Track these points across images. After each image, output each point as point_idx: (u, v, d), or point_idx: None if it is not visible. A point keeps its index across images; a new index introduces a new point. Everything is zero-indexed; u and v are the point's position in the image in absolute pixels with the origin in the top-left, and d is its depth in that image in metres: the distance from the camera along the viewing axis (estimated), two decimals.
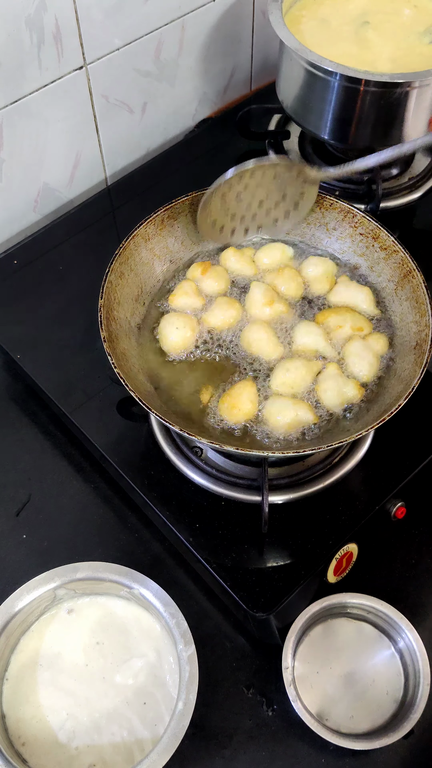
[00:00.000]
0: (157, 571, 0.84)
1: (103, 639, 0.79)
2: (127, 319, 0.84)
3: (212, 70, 1.26)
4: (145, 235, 0.87)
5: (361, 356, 0.81)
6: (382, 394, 0.80)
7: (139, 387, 0.77)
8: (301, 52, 0.97)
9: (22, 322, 1.00)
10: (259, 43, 1.31)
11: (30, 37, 0.95)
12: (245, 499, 0.83)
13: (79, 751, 0.73)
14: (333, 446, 0.72)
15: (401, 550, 0.89)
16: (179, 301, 0.87)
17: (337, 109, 1.01)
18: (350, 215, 0.89)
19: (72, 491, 0.92)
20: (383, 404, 0.78)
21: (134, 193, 1.16)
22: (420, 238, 1.12)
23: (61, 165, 1.13)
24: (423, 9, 1.07)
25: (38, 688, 0.77)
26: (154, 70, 1.15)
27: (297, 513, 0.83)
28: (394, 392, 0.78)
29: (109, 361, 0.74)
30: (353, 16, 1.07)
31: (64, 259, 1.07)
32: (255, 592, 0.78)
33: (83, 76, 1.05)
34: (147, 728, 0.74)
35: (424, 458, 0.87)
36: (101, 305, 0.79)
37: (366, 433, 0.72)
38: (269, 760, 0.77)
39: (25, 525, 0.90)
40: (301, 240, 0.93)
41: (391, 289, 0.87)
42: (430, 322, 0.79)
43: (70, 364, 0.96)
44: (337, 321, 0.84)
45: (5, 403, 1.00)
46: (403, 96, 0.97)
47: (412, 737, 0.75)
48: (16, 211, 1.12)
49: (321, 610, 0.79)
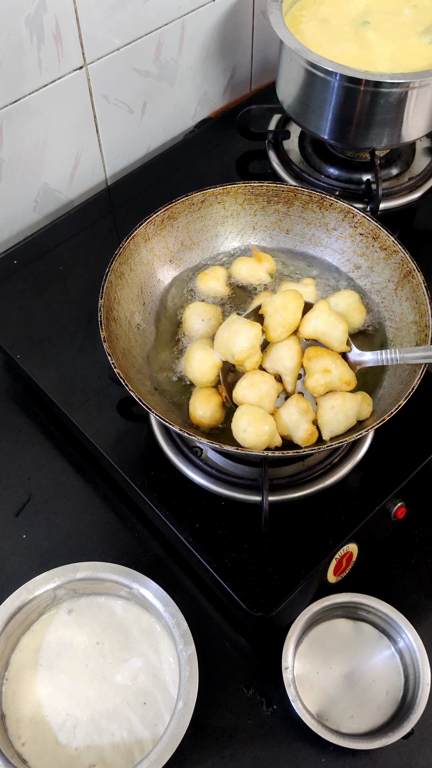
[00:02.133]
0: (157, 571, 0.84)
1: (103, 639, 0.79)
2: (127, 319, 0.84)
3: (212, 70, 1.26)
4: (144, 235, 0.87)
5: (338, 414, 0.76)
6: (382, 395, 0.80)
7: (139, 387, 0.77)
8: (301, 52, 0.97)
9: (22, 322, 1.00)
10: (259, 43, 1.31)
11: (30, 37, 0.95)
12: (245, 499, 0.83)
13: (79, 751, 0.73)
14: (332, 447, 0.72)
15: (401, 550, 0.89)
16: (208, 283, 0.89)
17: (337, 109, 1.01)
18: (350, 215, 0.89)
19: (72, 491, 0.92)
20: (383, 404, 0.78)
21: (134, 193, 1.16)
22: (420, 239, 1.12)
23: (61, 165, 1.13)
24: (423, 9, 1.07)
25: (38, 689, 0.77)
26: (154, 70, 1.15)
27: (297, 513, 0.83)
28: (393, 392, 0.78)
29: (109, 361, 0.74)
30: (353, 16, 1.07)
31: (64, 259, 1.07)
32: (255, 592, 0.78)
33: (83, 76, 1.05)
34: (147, 728, 0.74)
35: (424, 458, 0.87)
36: (101, 305, 0.79)
37: (366, 434, 0.72)
38: (269, 760, 0.77)
39: (25, 525, 0.90)
40: (301, 240, 0.93)
41: (391, 289, 0.87)
42: (430, 322, 0.79)
43: (70, 364, 0.96)
44: (326, 364, 0.77)
45: (5, 403, 1.00)
46: (403, 96, 0.97)
47: (412, 737, 0.75)
48: (16, 211, 1.12)
49: (321, 610, 0.79)
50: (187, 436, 0.72)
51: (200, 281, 0.90)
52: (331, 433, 0.76)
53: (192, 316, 0.86)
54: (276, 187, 0.90)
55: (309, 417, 0.76)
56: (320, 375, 0.76)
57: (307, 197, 0.90)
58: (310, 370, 0.77)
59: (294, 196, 0.91)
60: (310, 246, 0.93)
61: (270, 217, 0.93)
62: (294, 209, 0.91)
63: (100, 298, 0.79)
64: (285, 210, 0.92)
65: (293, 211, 0.92)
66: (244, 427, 0.73)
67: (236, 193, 0.91)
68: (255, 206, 0.92)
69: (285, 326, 0.78)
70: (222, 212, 0.92)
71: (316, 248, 0.93)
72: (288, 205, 0.91)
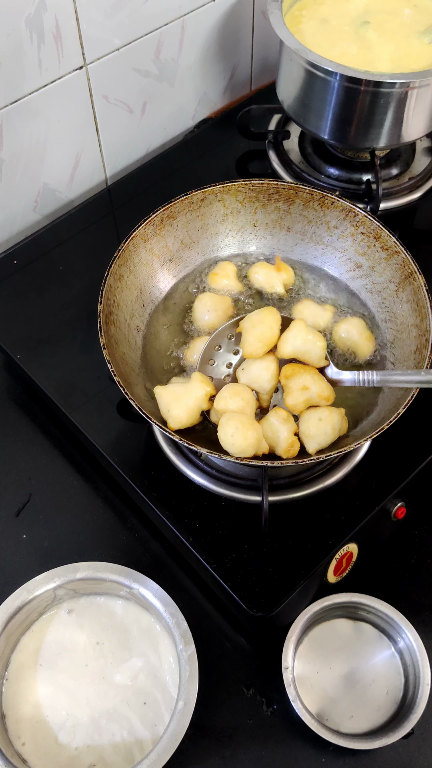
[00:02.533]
0: (157, 571, 0.84)
1: (103, 639, 0.79)
2: (127, 321, 0.84)
3: (212, 70, 1.26)
4: (144, 235, 0.87)
5: (326, 425, 0.76)
6: (381, 400, 0.80)
7: (138, 393, 0.78)
8: (301, 52, 0.97)
9: (22, 322, 1.00)
10: (259, 43, 1.31)
11: (30, 37, 0.95)
12: (245, 499, 0.83)
13: (79, 751, 0.73)
14: (331, 455, 0.72)
15: (401, 550, 0.89)
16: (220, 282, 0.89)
17: (337, 109, 1.01)
18: (352, 214, 0.89)
19: (72, 491, 0.92)
20: (382, 411, 0.78)
21: (134, 193, 1.16)
22: (420, 239, 1.12)
23: (61, 165, 1.13)
24: (423, 9, 1.07)
25: (38, 689, 0.77)
26: (154, 70, 1.15)
27: (297, 513, 0.83)
28: (393, 398, 0.78)
29: (109, 369, 0.74)
30: (353, 16, 1.07)
31: (64, 259, 1.07)
32: (255, 592, 0.78)
33: (83, 76, 1.05)
34: (147, 728, 0.74)
35: (424, 458, 0.87)
36: (100, 310, 0.78)
37: (363, 443, 0.72)
38: (269, 760, 0.77)
39: (25, 525, 0.90)
40: (302, 238, 0.93)
41: (392, 290, 0.87)
42: (430, 326, 0.78)
43: (70, 364, 0.96)
44: (304, 381, 0.77)
45: (5, 403, 1.00)
46: (403, 96, 0.97)
47: (412, 737, 0.75)
48: (16, 211, 1.12)
49: (321, 610, 0.79)
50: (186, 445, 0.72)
51: (212, 281, 0.90)
52: (318, 446, 0.76)
53: (200, 306, 0.87)
54: (277, 184, 0.90)
55: (290, 428, 0.76)
56: (299, 393, 0.76)
57: (308, 195, 0.90)
58: (289, 388, 0.77)
59: (295, 194, 0.91)
60: (311, 244, 0.93)
61: (270, 215, 0.93)
62: (295, 207, 0.91)
63: (100, 303, 0.79)
64: (286, 208, 0.92)
65: (294, 209, 0.92)
66: (231, 432, 0.73)
67: (236, 191, 0.91)
68: (255, 204, 0.92)
69: (262, 341, 0.78)
70: (222, 210, 0.92)
71: (317, 246, 0.93)
72: (289, 203, 0.91)
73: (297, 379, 0.77)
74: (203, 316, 0.86)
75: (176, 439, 0.71)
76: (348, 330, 0.85)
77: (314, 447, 0.76)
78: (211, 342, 0.82)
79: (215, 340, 0.83)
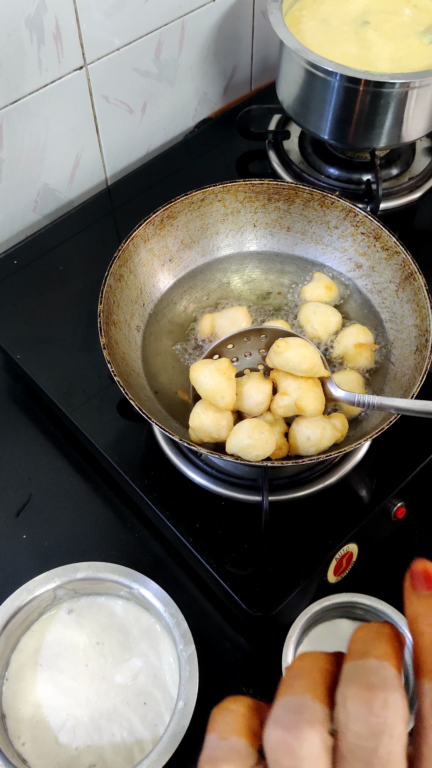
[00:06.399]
0: (157, 571, 0.84)
1: (103, 639, 0.79)
2: (127, 321, 0.84)
3: (212, 71, 1.26)
4: (144, 235, 0.87)
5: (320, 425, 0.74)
6: None
7: (139, 393, 0.77)
8: (301, 52, 0.97)
9: (22, 322, 1.00)
10: (259, 43, 1.31)
11: (30, 37, 0.95)
12: (245, 499, 0.83)
13: (79, 752, 0.73)
14: (331, 456, 0.72)
15: (401, 550, 0.89)
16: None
17: (337, 109, 1.01)
18: (352, 214, 0.89)
19: (72, 491, 0.92)
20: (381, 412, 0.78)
21: (134, 193, 1.16)
22: (420, 239, 1.12)
23: (61, 165, 1.13)
24: (423, 9, 1.07)
25: (38, 688, 0.77)
26: (154, 70, 1.15)
27: (297, 513, 0.83)
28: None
29: (109, 369, 0.74)
30: (353, 16, 1.07)
31: (64, 259, 1.07)
32: (255, 592, 0.78)
33: (83, 76, 1.05)
34: (147, 728, 0.74)
35: (424, 458, 0.87)
36: (100, 311, 0.78)
37: (363, 443, 0.72)
38: None
39: (25, 525, 0.90)
40: (302, 237, 0.93)
41: (393, 290, 0.87)
42: (430, 326, 0.78)
43: (70, 364, 0.96)
44: (288, 387, 0.74)
45: (5, 403, 1.00)
46: (403, 96, 0.97)
47: None
48: (16, 211, 1.12)
49: (321, 610, 0.79)
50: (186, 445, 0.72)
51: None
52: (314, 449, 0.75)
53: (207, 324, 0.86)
54: (277, 184, 0.90)
55: (278, 429, 0.76)
56: (279, 397, 0.74)
57: (308, 195, 0.90)
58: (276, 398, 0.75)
59: (295, 194, 0.91)
60: (311, 244, 0.93)
61: (271, 215, 0.93)
62: (295, 207, 0.91)
63: (100, 303, 0.79)
64: (286, 208, 0.92)
65: (294, 209, 0.92)
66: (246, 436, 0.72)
67: (236, 190, 0.91)
68: (255, 204, 0.92)
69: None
70: (222, 210, 0.92)
71: (317, 246, 0.93)
72: (289, 203, 0.91)
73: (283, 381, 0.75)
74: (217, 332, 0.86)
75: (176, 439, 0.71)
76: (353, 336, 0.84)
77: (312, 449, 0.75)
78: (224, 341, 0.78)
79: (229, 340, 0.79)
